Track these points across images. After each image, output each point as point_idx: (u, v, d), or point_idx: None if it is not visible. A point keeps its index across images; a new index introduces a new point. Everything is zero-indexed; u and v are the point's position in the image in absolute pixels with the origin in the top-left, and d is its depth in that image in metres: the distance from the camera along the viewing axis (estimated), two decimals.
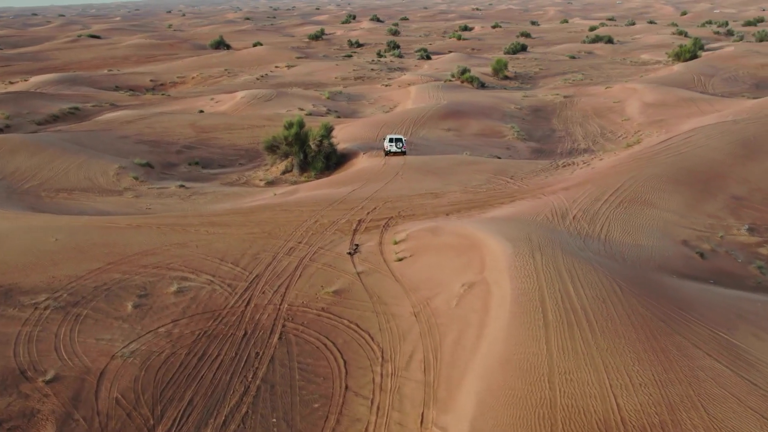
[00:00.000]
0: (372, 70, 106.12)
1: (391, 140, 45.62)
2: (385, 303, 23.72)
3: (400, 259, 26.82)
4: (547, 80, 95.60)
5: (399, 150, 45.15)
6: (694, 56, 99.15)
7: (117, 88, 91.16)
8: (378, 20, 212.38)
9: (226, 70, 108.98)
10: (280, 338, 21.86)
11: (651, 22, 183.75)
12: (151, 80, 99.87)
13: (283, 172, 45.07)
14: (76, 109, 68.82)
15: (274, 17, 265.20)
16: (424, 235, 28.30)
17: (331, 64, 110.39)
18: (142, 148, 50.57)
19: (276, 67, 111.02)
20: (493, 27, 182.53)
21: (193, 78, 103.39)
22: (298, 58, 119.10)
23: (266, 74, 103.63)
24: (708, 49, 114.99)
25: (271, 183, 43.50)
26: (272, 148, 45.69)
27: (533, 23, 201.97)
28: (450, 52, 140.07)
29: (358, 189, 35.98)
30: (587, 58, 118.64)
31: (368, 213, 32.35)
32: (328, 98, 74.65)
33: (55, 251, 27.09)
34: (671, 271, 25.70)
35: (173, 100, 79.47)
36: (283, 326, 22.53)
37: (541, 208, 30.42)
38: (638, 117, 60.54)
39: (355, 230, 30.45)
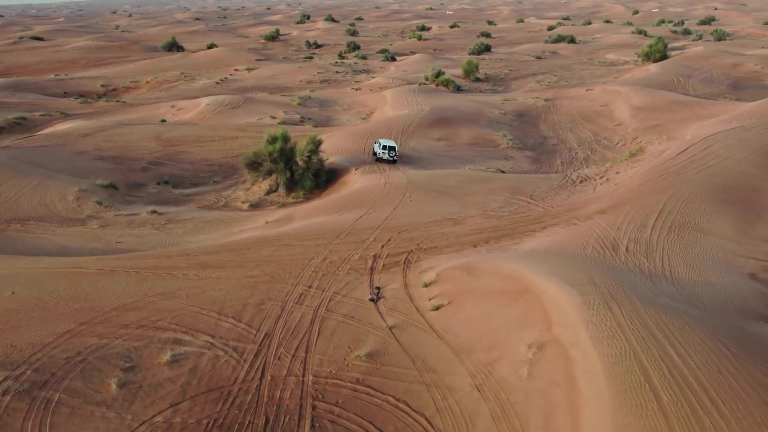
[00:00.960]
0: (337, 72, 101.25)
1: (384, 147, 43.25)
2: (434, 370, 19.24)
3: (437, 308, 22.35)
4: (518, 82, 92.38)
5: (391, 158, 43.21)
6: (665, 56, 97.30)
7: (66, 95, 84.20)
8: (333, 20, 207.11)
9: (182, 73, 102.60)
10: (312, 427, 17.21)
11: (607, 21, 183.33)
12: (102, 85, 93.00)
13: (267, 192, 40.03)
14: (23, 119, 62.18)
15: (225, 17, 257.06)
16: (460, 276, 23.89)
17: (294, 66, 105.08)
18: (103, 165, 44.83)
19: (235, 70, 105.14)
20: (452, 27, 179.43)
21: (147, 82, 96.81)
22: (258, 60, 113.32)
23: (226, 78, 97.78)
24: (671, 49, 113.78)
25: (255, 206, 38.44)
26: (254, 165, 40.60)
27: (490, 23, 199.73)
28: (412, 52, 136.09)
29: (365, 215, 31.29)
30: (553, 58, 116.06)
31: (383, 246, 27.76)
32: (298, 104, 69.53)
33: (13, 309, 21.79)
34: (752, 313, 21.93)
35: (129, 108, 73.22)
36: (314, 408, 17.87)
37: (585, 238, 26.32)
38: (630, 122, 57.31)
39: (372, 269, 25.85)
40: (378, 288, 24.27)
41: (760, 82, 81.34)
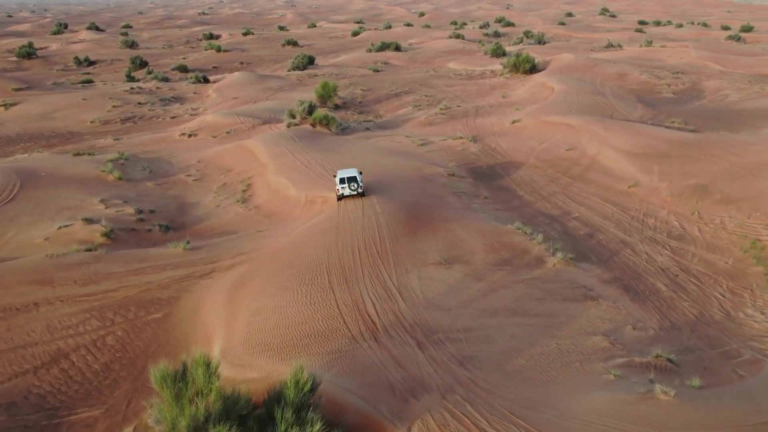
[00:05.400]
0: (140, 104, 70.65)
1: (342, 180, 32.56)
2: None
3: None
4: (383, 106, 70.00)
5: (353, 191, 32.39)
6: (534, 67, 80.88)
7: None
8: (98, 29, 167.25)
9: None
10: None
11: (408, 25, 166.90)
12: None
13: None
14: None
15: None
16: None
17: (74, 97, 72.11)
18: None
19: None
20: (245, 34, 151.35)
21: None
22: (18, 89, 77.70)
23: None
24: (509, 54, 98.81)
25: None
26: None
27: (281, 28, 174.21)
28: (215, 67, 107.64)
29: None
30: (393, 70, 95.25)
31: None
32: (118, 178, 40.36)
33: None
34: None
35: None
36: None
37: None
38: (649, 180, 37.74)
39: None
40: None
41: (660, 95, 67.31)
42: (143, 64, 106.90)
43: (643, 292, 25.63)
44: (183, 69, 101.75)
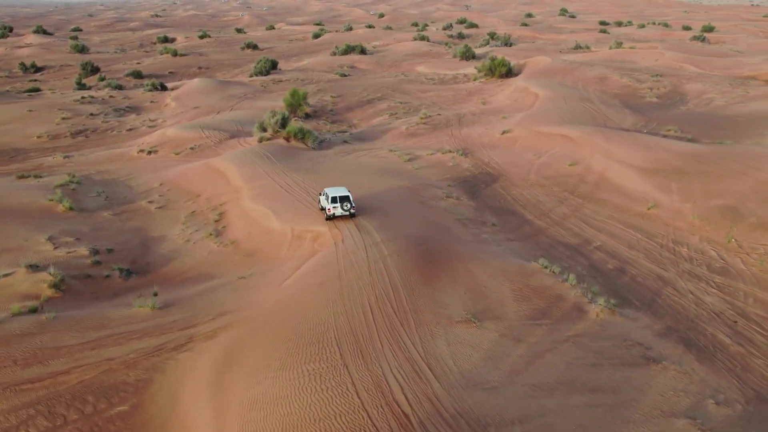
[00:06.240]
0: (92, 115, 64.26)
1: (334, 199, 28.99)
2: None
3: None
4: (356, 114, 65.22)
5: (346, 212, 28.92)
6: (509, 71, 77.10)
7: None
8: (45, 32, 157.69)
9: None
10: None
11: (369, 26, 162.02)
12: None
13: None
14: None
15: None
16: None
17: (20, 108, 65.24)
18: None
19: None
20: (201, 37, 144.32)
21: None
22: None
23: None
24: (479, 57, 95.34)
25: None
26: None
27: (239, 31, 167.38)
28: (171, 72, 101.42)
29: None
30: (361, 75, 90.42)
31: None
32: (69, 208, 34.59)
33: None
34: None
35: None
36: None
37: None
38: (669, 201, 33.90)
39: None
40: None
41: (643, 99, 64.30)
42: (95, 69, 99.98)
43: (707, 347, 21.48)
44: (138, 75, 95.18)
